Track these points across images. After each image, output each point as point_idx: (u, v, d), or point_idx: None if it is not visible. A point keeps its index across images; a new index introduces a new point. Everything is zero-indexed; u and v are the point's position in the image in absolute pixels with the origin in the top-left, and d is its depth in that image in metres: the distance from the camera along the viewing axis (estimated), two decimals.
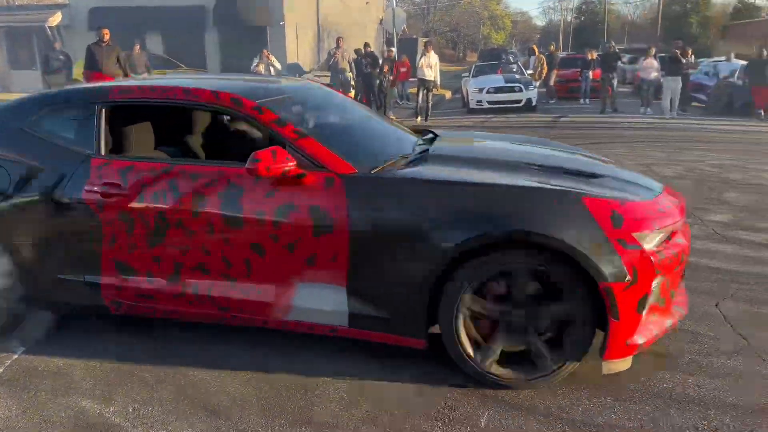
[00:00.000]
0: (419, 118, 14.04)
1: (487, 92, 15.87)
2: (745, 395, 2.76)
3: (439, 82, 15.15)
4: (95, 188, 3.06)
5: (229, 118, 4.13)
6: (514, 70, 18.56)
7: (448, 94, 21.51)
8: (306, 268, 2.87)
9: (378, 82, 14.55)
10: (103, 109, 3.22)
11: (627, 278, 2.55)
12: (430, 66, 14.02)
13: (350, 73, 14.95)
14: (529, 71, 18.92)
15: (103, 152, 3.18)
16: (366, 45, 15.10)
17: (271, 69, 13.92)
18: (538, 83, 17.45)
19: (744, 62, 15.66)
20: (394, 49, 16.68)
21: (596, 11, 51.66)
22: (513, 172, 3.03)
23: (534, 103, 15.91)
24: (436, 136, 3.88)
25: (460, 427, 2.58)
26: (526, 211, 2.64)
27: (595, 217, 2.60)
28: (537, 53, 19.95)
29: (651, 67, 15.17)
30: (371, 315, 2.86)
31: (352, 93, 14.60)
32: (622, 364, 2.76)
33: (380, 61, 15.04)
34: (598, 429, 2.55)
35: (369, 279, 2.81)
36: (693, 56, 17.38)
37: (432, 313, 2.82)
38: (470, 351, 2.81)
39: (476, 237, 2.63)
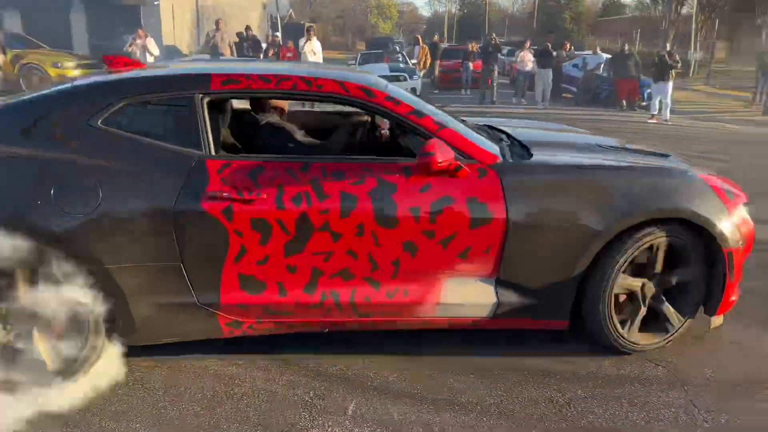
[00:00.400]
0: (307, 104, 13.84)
1: None
2: (596, 368, 2.95)
3: None
4: (224, 194, 2.63)
5: (258, 112, 3.52)
6: (400, 59, 18.81)
7: None
8: (458, 263, 2.80)
9: None
10: (205, 101, 2.75)
11: (741, 243, 2.95)
12: (314, 52, 13.87)
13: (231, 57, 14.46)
14: (414, 61, 19.24)
15: (213, 152, 2.73)
16: (248, 28, 14.68)
17: (147, 54, 13.12)
18: (422, 73, 17.77)
19: (609, 56, 16.84)
20: (279, 34, 16.33)
21: (479, 4, 53.45)
22: (610, 154, 3.28)
23: (418, 93, 16.14)
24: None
25: (328, 416, 2.56)
26: (671, 190, 2.89)
27: (716, 192, 2.97)
28: (421, 43, 20.31)
29: (527, 60, 15.92)
30: (519, 303, 2.87)
31: None
32: (722, 319, 3.12)
33: (263, 46, 14.66)
34: (461, 407, 2.62)
35: (522, 267, 2.83)
36: (572, 49, 18.45)
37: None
38: (619, 325, 2.96)
39: (639, 215, 2.81)
